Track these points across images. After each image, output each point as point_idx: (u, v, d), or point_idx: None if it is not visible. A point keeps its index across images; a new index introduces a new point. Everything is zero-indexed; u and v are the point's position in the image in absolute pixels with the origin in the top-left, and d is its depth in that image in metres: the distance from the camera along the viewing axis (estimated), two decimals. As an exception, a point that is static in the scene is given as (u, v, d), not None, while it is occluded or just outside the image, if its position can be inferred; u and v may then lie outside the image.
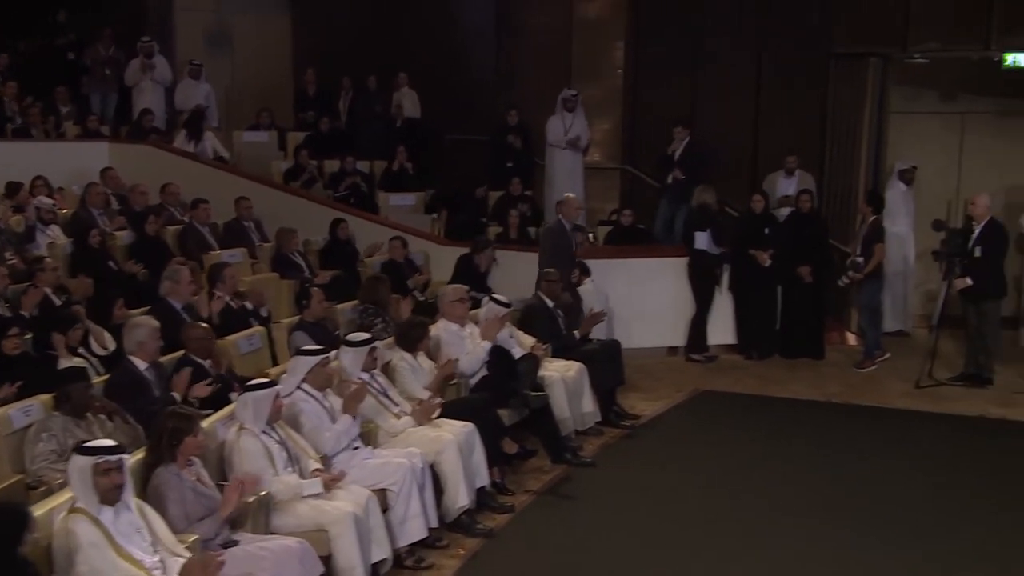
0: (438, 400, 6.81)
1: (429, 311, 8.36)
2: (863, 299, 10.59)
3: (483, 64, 13.46)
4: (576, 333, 8.89)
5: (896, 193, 12.14)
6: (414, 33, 13.86)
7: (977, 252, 9.62)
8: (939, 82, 12.39)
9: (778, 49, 11.94)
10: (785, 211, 11.34)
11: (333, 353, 6.31)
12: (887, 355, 10.69)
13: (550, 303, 8.89)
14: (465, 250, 10.36)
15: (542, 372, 8.02)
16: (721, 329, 11.02)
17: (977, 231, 9.69)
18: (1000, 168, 12.16)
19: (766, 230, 10.92)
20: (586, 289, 9.88)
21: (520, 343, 8.26)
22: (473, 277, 9.86)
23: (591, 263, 10.39)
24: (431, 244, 11.25)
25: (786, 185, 11.56)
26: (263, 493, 5.21)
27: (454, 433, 6.46)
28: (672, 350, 11.08)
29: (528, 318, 8.83)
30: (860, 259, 10.31)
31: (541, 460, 7.72)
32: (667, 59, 12.61)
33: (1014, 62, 10.79)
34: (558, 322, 8.86)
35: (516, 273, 10.20)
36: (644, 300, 10.87)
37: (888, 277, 12.21)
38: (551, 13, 12.99)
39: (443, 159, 13.46)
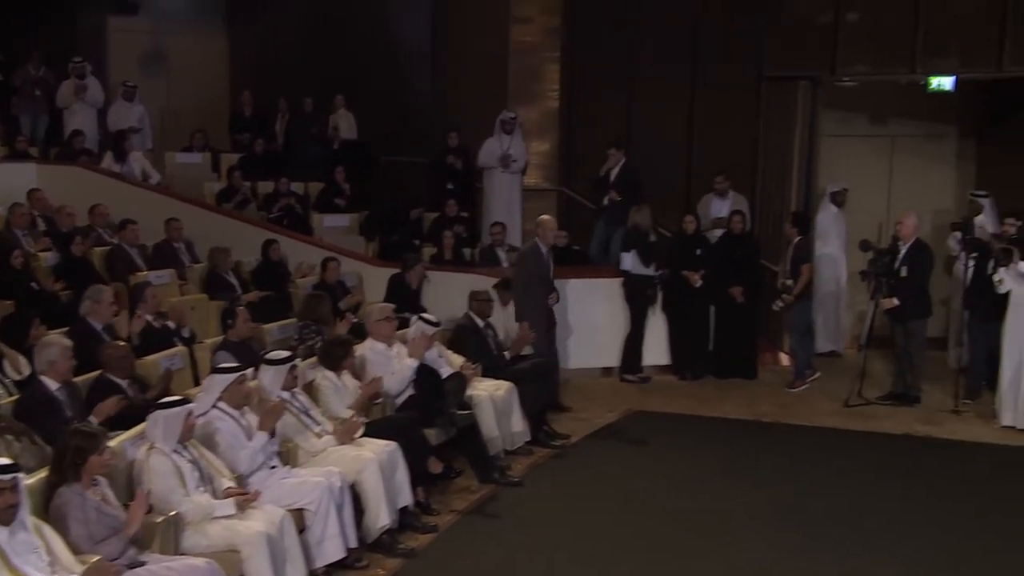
0: (361, 419, 6.74)
1: (363, 332, 8.31)
2: (793, 320, 10.66)
3: (420, 86, 13.47)
4: (507, 353, 8.87)
5: (828, 215, 12.29)
6: (352, 55, 13.86)
7: (903, 272, 9.75)
8: (869, 106, 12.59)
9: (711, 71, 12.05)
10: (718, 232, 11.42)
11: (250, 371, 6.21)
12: (817, 374, 10.79)
13: (480, 322, 8.87)
14: (398, 270, 10.31)
15: (470, 391, 8.00)
16: (655, 350, 11.06)
17: (903, 251, 9.82)
18: (928, 190, 12.39)
19: (698, 251, 11.00)
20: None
21: (449, 362, 8.23)
22: (405, 296, 9.81)
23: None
24: (365, 265, 11.17)
25: (719, 206, 11.64)
26: (172, 513, 5.10)
27: (375, 452, 6.39)
28: (607, 371, 11.10)
29: (458, 338, 8.81)
30: (790, 282, 10.40)
31: (468, 480, 7.68)
32: (602, 81, 12.69)
33: (939, 85, 10.98)
34: (488, 341, 8.84)
35: (451, 294, 10.15)
36: (578, 321, 10.88)
37: (820, 298, 12.35)
38: (488, 35, 13.02)
39: (380, 181, 13.40)
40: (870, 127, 12.73)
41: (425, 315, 8.10)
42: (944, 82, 10.96)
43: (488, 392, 8.08)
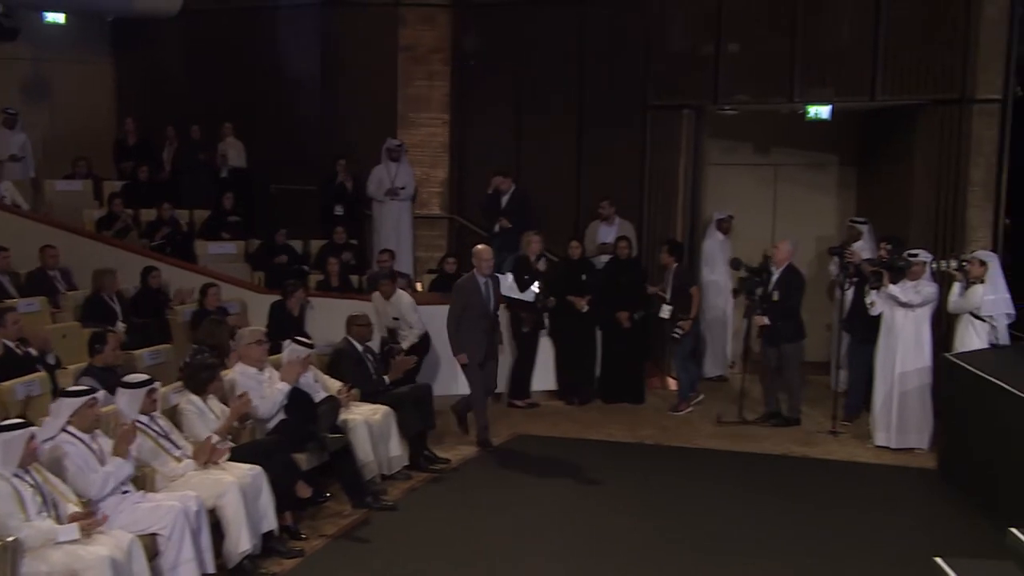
0: (225, 443, 6.59)
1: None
2: (677, 344, 10.77)
3: (310, 114, 13.37)
4: (386, 378, 8.78)
5: (714, 242, 12.51)
6: (241, 83, 13.71)
7: (775, 296, 9.94)
8: (754, 135, 12.85)
9: (597, 99, 12.20)
10: (604, 258, 11.51)
11: (100, 394, 6.03)
12: (701, 397, 10.91)
13: (359, 347, 8.77)
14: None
15: (347, 415, 7.90)
16: (543, 375, 11.07)
17: (776, 276, 10.02)
18: (811, 217, 12.64)
19: (584, 277, 11.07)
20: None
21: (325, 387, 8.12)
22: (287, 323, 9.68)
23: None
24: (249, 293, 11.01)
25: (605, 232, 11.75)
26: (11, 539, 4.91)
27: (237, 476, 6.25)
28: (496, 397, 11.05)
29: (337, 362, 8.70)
30: (668, 307, 10.53)
31: (342, 505, 7.55)
32: (491, 110, 12.77)
33: (816, 114, 11.25)
34: (367, 366, 8.74)
35: (336, 320, 9.99)
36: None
37: (707, 324, 12.55)
38: (377, 63, 13.04)
39: (269, 208, 13.25)
40: (755, 156, 12.98)
41: (299, 338, 7.99)
42: (821, 111, 11.21)
43: (364, 416, 7.98)
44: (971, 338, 9.06)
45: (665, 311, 10.69)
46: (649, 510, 7.77)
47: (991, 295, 9.03)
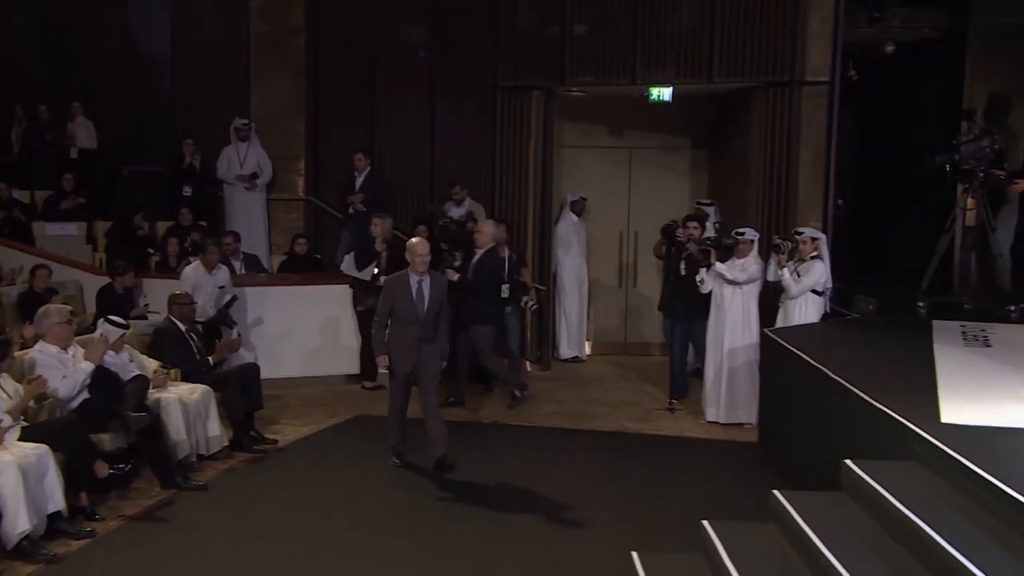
0: (16, 424, 6.44)
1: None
2: (517, 326, 10.85)
3: (160, 94, 13.12)
4: (210, 359, 8.67)
5: (568, 224, 12.64)
6: (90, 62, 13.40)
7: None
8: (609, 118, 12.98)
9: (449, 82, 12.20)
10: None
11: None
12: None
13: (182, 326, 8.63)
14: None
15: (161, 394, 7.78)
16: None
17: (477, 257, 10.06)
18: (665, 199, 12.80)
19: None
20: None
21: (141, 366, 7.98)
22: (115, 304, 9.50)
23: (261, 291, 10.49)
24: (88, 275, 10.79)
25: (455, 214, 11.77)
26: None
27: (16, 455, 6.10)
28: (352, 378, 11.01)
29: (158, 342, 8.56)
30: (506, 285, 10.61)
31: (152, 485, 7.44)
32: (348, 89, 12.65)
33: (659, 96, 11.40)
34: (190, 346, 8.61)
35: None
36: (313, 328, 10.86)
37: (564, 306, 12.69)
38: (227, 42, 12.83)
39: (119, 190, 12.98)
40: (610, 139, 13.12)
41: (112, 317, 7.84)
42: (664, 93, 11.38)
43: (180, 396, 7.87)
44: (809, 312, 9.26)
45: (504, 290, 10.76)
46: (474, 486, 7.76)
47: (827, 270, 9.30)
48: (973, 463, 4.82)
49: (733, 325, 9.50)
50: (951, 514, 4.69)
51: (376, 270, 10.33)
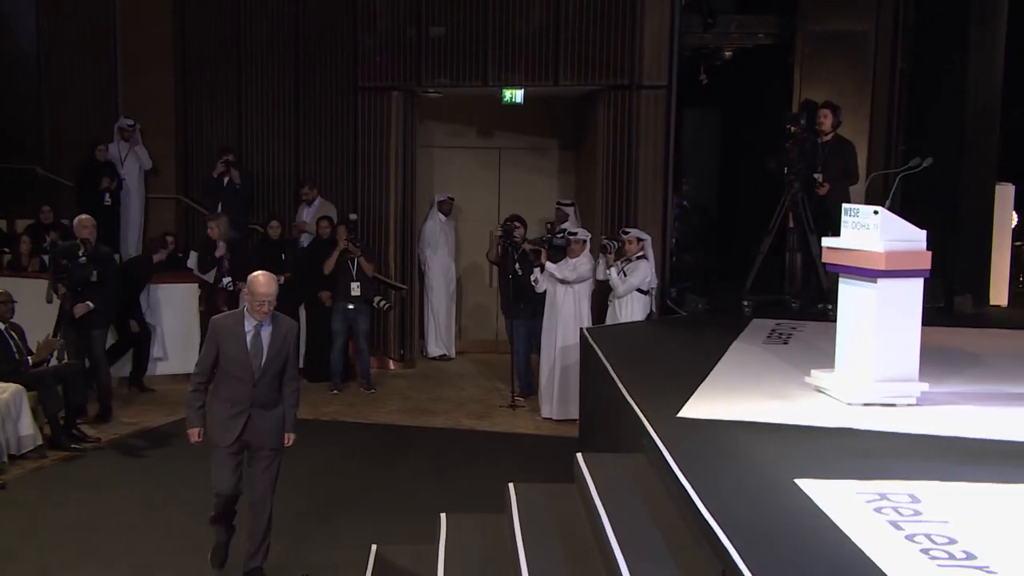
0: None
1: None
2: (364, 325, 10.98)
3: (27, 91, 13.07)
4: (29, 359, 8.68)
5: (435, 223, 12.77)
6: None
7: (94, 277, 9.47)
8: (478, 119, 13.12)
9: (312, 82, 12.26)
10: (307, 238, 11.64)
11: None
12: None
13: (1, 325, 8.65)
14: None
15: (-34, 394, 7.80)
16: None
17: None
18: (534, 199, 12.96)
19: (283, 255, 11.16)
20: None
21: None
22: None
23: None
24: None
25: (307, 213, 11.90)
26: None
27: None
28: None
29: (-27, 340, 8.57)
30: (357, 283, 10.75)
31: (-50, 484, 7.49)
32: (214, 90, 12.67)
33: (511, 98, 11.55)
34: (9, 344, 8.62)
35: (24, 300, 9.89)
36: (172, 326, 11.12)
37: (432, 304, 12.82)
38: (95, 43, 12.77)
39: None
40: (479, 139, 13.26)
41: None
42: (516, 95, 11.53)
43: (-13, 395, 7.91)
44: (635, 311, 9.46)
45: (354, 288, 10.89)
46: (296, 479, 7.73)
47: (652, 269, 9.51)
48: (672, 455, 4.98)
49: (566, 323, 9.67)
50: (637, 508, 4.86)
51: (224, 277, 10.41)
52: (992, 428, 5.58)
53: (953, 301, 9.63)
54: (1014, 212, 10.90)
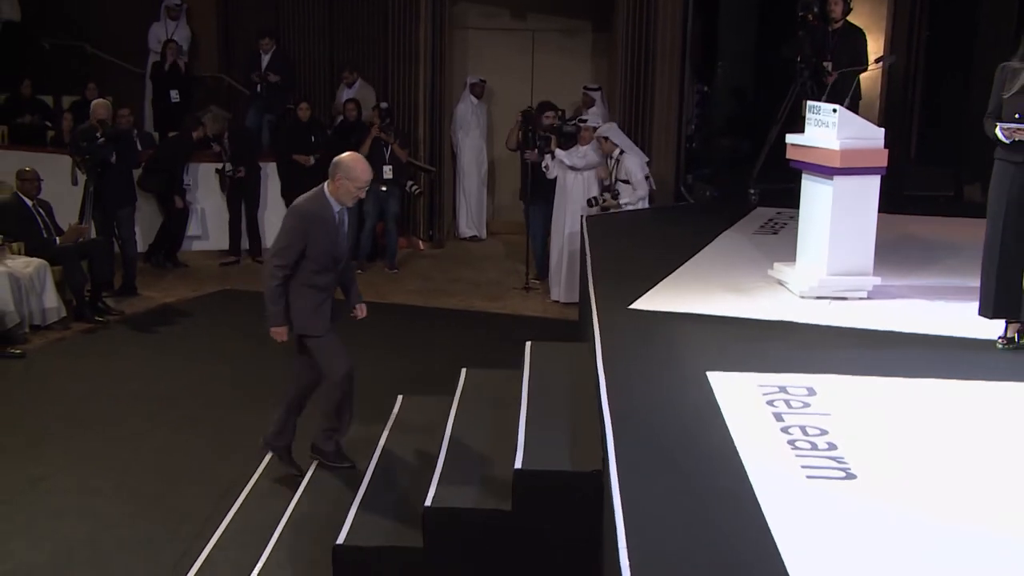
0: None
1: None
2: (394, 208, 11.26)
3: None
4: (57, 239, 9.09)
5: (467, 106, 12.85)
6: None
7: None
8: (511, 2, 13.06)
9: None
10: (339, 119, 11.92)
11: None
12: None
13: (28, 201, 9.07)
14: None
15: (-7, 267, 8.29)
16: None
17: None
18: (567, 82, 12.89)
19: (312, 137, 11.44)
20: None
21: (-19, 240, 8.49)
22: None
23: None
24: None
25: (347, 95, 12.11)
26: None
27: None
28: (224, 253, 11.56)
29: (2, 215, 9.01)
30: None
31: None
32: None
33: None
34: (36, 221, 9.06)
35: (65, 176, 10.35)
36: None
37: (464, 187, 13.01)
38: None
39: (38, 64, 13.33)
40: (512, 21, 13.20)
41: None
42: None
43: (12, 269, 8.37)
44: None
45: (387, 172, 11.14)
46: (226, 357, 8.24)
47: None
48: (602, 344, 5.19)
49: (574, 209, 9.79)
50: (558, 393, 5.11)
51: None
52: (932, 323, 5.65)
53: (962, 190, 9.51)
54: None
